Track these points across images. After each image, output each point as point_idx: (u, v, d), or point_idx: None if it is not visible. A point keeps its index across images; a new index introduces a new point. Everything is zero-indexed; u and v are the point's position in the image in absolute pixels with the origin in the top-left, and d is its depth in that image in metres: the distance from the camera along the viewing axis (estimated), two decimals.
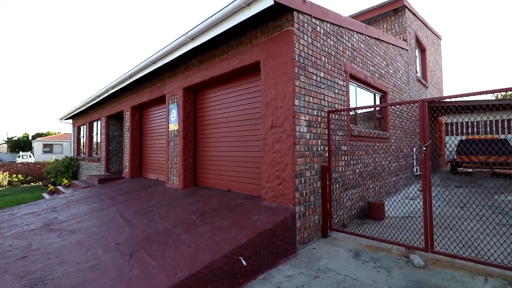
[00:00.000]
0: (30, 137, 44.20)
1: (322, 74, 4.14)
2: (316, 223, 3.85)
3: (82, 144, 13.15)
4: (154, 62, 5.57)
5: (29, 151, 37.29)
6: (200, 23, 4.20)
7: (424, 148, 3.12)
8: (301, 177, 3.59)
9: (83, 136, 12.85)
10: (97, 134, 11.19)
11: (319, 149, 3.98)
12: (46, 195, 8.71)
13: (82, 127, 13.03)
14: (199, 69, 5.28)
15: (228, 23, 3.92)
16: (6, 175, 14.66)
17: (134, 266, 2.51)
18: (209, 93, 5.60)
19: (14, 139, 45.00)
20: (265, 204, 3.74)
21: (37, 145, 36.07)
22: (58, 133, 42.06)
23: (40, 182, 15.29)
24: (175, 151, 5.90)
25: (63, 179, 11.83)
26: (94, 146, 11.57)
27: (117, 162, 10.11)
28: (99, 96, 8.83)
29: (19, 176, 15.30)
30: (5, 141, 46.47)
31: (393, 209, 5.12)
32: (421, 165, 3.17)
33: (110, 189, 6.79)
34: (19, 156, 32.29)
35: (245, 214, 3.49)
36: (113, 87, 7.64)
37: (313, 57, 3.97)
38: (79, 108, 10.95)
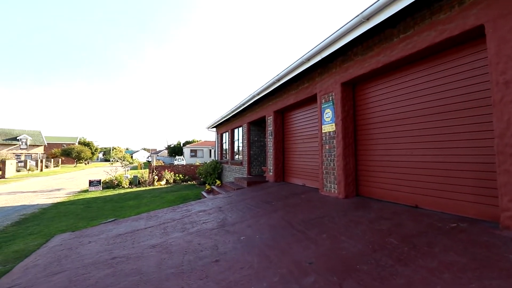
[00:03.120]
0: (181, 144, 56.06)
1: None
2: None
3: (224, 149, 14.86)
4: (308, 59, 5.18)
5: (182, 155, 46.95)
6: None
7: None
8: None
9: (225, 142, 14.48)
10: (238, 139, 12.25)
11: None
12: (204, 194, 10.03)
13: (224, 134, 14.73)
14: (364, 57, 4.46)
15: None
16: (172, 174, 18.49)
17: None
18: (375, 85, 4.67)
19: (171, 146, 58.48)
20: None
21: (186, 150, 44.94)
22: (199, 140, 51.16)
23: (194, 181, 18.44)
24: (331, 155, 5.28)
25: (215, 179, 13.64)
26: (236, 151, 12.73)
27: (257, 166, 10.62)
28: (243, 105, 9.49)
29: (180, 175, 18.99)
30: (166, 147, 61.10)
31: None
32: None
33: (260, 192, 6.91)
34: (175, 160, 41.07)
35: (486, 248, 2.35)
36: (258, 94, 7.92)
37: None
38: (224, 117, 12.33)
